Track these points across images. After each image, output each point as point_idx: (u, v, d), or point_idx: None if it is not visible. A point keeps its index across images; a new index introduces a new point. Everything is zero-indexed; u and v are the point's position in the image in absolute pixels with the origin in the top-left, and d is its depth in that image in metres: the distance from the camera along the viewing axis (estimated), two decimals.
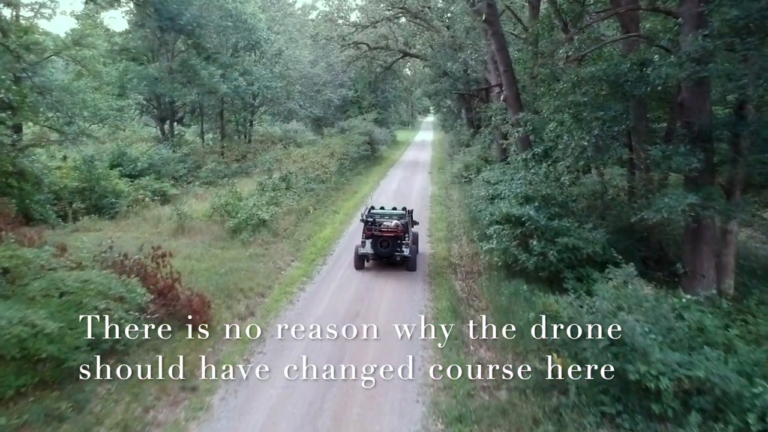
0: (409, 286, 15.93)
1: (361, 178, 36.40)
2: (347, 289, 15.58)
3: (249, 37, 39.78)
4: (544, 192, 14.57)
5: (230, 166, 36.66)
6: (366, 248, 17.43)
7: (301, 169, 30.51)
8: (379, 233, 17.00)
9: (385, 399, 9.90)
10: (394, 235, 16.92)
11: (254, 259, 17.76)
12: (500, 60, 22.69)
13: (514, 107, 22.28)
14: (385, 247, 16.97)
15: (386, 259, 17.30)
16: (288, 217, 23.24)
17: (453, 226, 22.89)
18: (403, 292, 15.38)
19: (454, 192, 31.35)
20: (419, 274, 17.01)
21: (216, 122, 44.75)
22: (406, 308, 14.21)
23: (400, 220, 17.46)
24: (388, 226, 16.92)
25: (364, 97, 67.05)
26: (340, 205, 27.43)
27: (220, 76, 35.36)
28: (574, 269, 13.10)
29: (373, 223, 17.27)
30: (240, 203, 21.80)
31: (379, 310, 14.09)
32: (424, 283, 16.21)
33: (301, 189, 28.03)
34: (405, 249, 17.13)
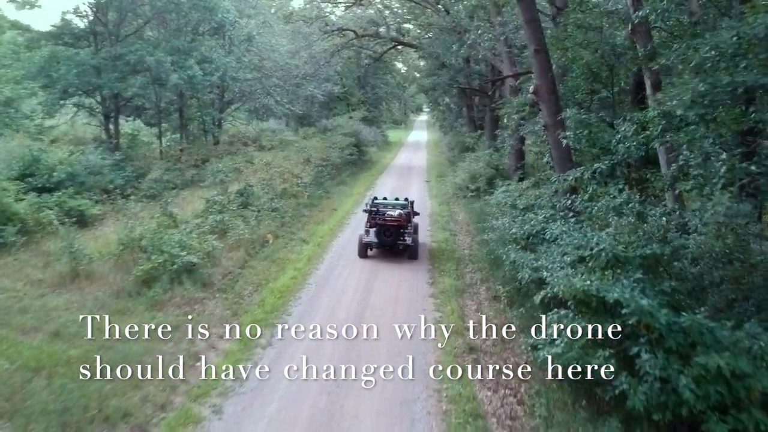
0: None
1: (344, 190, 29.89)
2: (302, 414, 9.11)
3: (211, 18, 33.22)
4: (647, 251, 8.03)
5: (185, 173, 30.07)
6: (370, 237, 17.72)
7: (265, 180, 23.88)
8: (383, 222, 17.46)
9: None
10: (398, 225, 17.44)
11: (159, 338, 11.25)
12: (530, 37, 16.22)
13: (549, 102, 15.80)
14: (389, 236, 17.42)
15: (389, 248, 17.68)
16: (234, 253, 16.72)
17: (465, 270, 16.34)
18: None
19: (459, 210, 24.90)
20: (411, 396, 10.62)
21: (178, 120, 38.16)
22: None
23: (403, 210, 18.08)
24: (392, 216, 17.49)
25: (352, 93, 60.55)
26: (312, 230, 20.91)
27: (170, 64, 28.79)
28: (726, 414, 6.71)
29: (377, 213, 17.79)
30: (164, 237, 15.20)
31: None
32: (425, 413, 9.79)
33: (263, 208, 21.53)
34: (408, 238, 17.58)
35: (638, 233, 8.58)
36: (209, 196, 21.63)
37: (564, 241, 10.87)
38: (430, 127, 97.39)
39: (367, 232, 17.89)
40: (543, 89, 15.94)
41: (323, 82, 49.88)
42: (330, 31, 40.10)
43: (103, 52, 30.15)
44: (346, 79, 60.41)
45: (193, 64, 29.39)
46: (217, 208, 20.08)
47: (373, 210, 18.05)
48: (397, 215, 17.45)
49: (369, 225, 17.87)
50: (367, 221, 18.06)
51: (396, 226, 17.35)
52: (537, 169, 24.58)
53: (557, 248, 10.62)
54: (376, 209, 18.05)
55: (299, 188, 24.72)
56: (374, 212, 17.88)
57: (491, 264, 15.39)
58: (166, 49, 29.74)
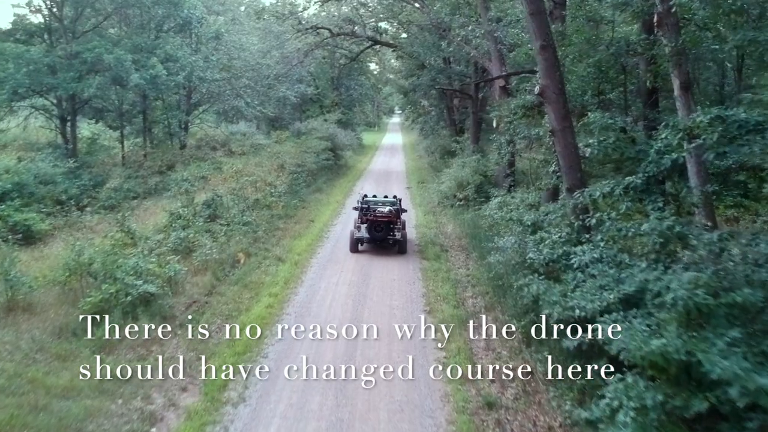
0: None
1: (320, 198, 27.84)
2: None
3: (176, 14, 30.93)
4: (737, 297, 6.15)
5: (148, 181, 27.75)
6: (362, 232, 18.44)
7: (235, 191, 21.71)
8: (374, 218, 18.15)
9: None
10: (388, 220, 18.22)
11: (106, 393, 9.17)
12: (536, 31, 14.39)
13: (557, 104, 13.96)
14: (379, 231, 18.13)
15: (380, 243, 18.34)
16: (200, 277, 14.61)
17: (465, 295, 14.38)
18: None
19: (447, 221, 23.03)
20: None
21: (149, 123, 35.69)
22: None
23: (392, 206, 18.99)
24: (382, 212, 18.32)
25: (325, 94, 58.45)
26: (288, 246, 18.85)
27: (131, 62, 26.47)
28: None
29: (368, 210, 18.45)
30: (119, 261, 13.01)
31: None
32: None
33: (233, 221, 19.43)
34: (397, 233, 18.33)
35: (719, 273, 6.73)
36: (173, 208, 19.43)
37: (597, 270, 9.07)
38: (404, 129, 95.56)
39: (358, 228, 18.74)
40: (550, 90, 14.12)
41: (296, 83, 47.76)
42: (304, 29, 37.94)
43: (59, 49, 27.73)
44: (319, 81, 58.31)
45: (156, 63, 27.11)
46: (181, 223, 17.90)
47: (364, 207, 18.75)
48: (387, 212, 18.39)
49: (361, 221, 18.64)
50: (359, 217, 18.88)
51: (386, 222, 18.18)
52: (529, 177, 22.87)
53: (592, 281, 8.79)
54: (367, 206, 18.77)
55: (273, 198, 22.60)
56: (365, 209, 18.58)
57: (496, 290, 13.50)
58: (127, 47, 27.41)
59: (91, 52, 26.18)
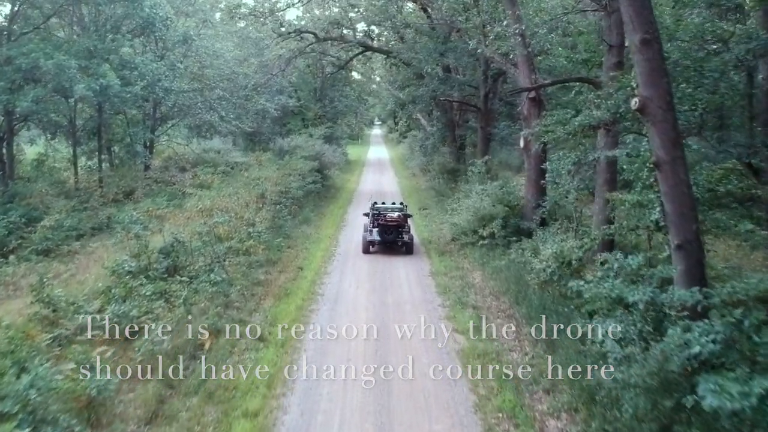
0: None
1: (309, 233, 23.06)
2: None
3: (136, 14, 26.07)
4: None
5: (98, 213, 22.80)
6: (374, 236, 20.19)
7: (201, 236, 16.76)
8: (385, 222, 20.09)
9: None
10: (397, 224, 20.09)
11: None
12: (635, 20, 9.82)
13: (664, 125, 9.46)
14: (390, 234, 19.97)
15: (390, 244, 20.08)
16: (141, 388, 9.72)
17: (532, 400, 9.79)
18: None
19: (471, 266, 18.35)
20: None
21: (107, 141, 30.59)
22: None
23: (400, 212, 20.84)
24: (392, 217, 20.19)
25: (308, 106, 53.74)
26: (272, 314, 13.99)
27: (76, 70, 21.58)
28: None
29: (378, 215, 20.43)
30: (5, 379, 8.17)
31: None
32: None
33: (199, 277, 14.63)
34: (405, 236, 20.23)
35: None
36: (116, 261, 14.55)
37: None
38: (388, 141, 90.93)
39: (370, 231, 20.48)
40: (654, 104, 9.67)
41: (276, 95, 43.07)
42: (285, 33, 33.22)
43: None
44: (301, 92, 53.63)
45: (108, 71, 22.17)
46: (122, 288, 13.04)
47: (375, 212, 20.72)
48: (397, 216, 20.30)
49: (372, 225, 20.55)
50: (370, 222, 20.78)
51: (395, 225, 20.09)
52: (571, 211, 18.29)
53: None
54: (377, 212, 20.72)
55: (252, 240, 17.80)
56: (376, 214, 20.56)
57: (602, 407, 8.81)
58: (73, 52, 22.49)
59: (27, 57, 21.27)
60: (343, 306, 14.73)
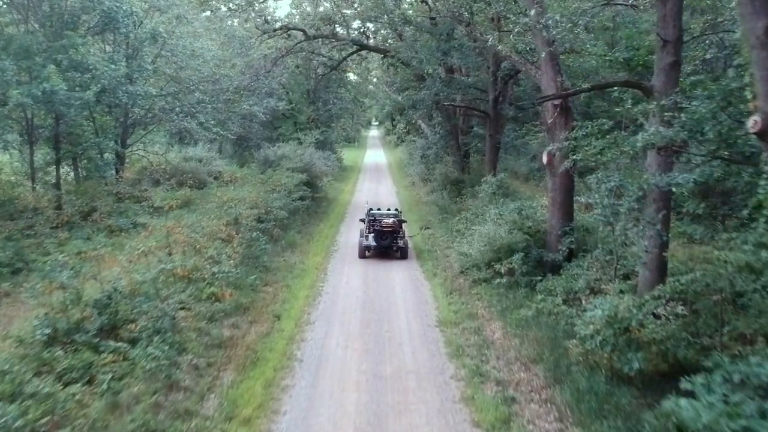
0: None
1: (293, 263, 19.60)
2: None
3: (94, 7, 22.59)
4: None
5: (44, 241, 19.29)
6: (369, 241, 20.55)
7: (152, 282, 13.22)
8: (380, 228, 20.39)
9: None
10: (392, 230, 20.48)
11: None
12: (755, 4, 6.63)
13: None
14: (385, 239, 20.31)
15: (385, 249, 20.46)
16: None
17: None
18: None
19: (487, 312, 14.87)
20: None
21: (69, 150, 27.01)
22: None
23: (395, 218, 21.26)
24: (387, 223, 20.50)
25: (300, 109, 50.34)
26: (233, 398, 10.47)
27: (13, 73, 18.12)
28: None
29: (374, 221, 20.87)
30: None
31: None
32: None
33: (145, 338, 11.22)
34: (400, 241, 20.77)
35: None
36: (36, 317, 11.16)
37: None
38: (386, 144, 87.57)
39: (366, 237, 20.91)
40: None
41: (265, 98, 39.66)
42: (271, 30, 29.78)
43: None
44: (293, 94, 50.22)
45: (52, 74, 18.65)
46: (34, 360, 9.68)
47: (371, 219, 21.22)
48: (392, 222, 20.61)
49: (368, 231, 21.00)
50: (366, 228, 21.37)
51: (390, 231, 20.43)
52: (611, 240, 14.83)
53: None
54: (373, 218, 21.21)
55: (217, 285, 14.35)
56: (372, 220, 21.04)
57: None
58: (11, 51, 19.04)
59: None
60: (327, 380, 11.28)
